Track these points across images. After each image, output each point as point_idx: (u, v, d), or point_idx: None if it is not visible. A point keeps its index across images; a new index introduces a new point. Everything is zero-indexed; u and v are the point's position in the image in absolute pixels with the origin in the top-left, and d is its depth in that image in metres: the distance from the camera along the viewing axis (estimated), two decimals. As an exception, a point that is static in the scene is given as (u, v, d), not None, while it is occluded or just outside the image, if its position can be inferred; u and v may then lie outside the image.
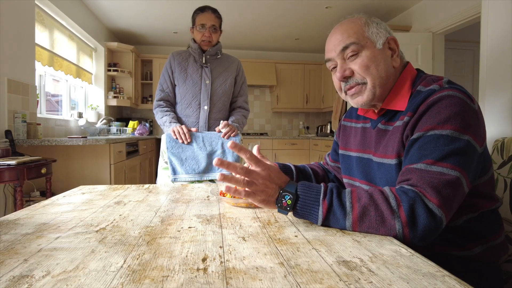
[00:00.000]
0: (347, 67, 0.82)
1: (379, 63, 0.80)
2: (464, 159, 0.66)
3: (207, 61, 1.83)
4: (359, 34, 0.80)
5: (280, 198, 0.68)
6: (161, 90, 1.86)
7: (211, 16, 1.78)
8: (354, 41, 0.80)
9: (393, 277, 0.45)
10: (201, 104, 1.82)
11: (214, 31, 1.80)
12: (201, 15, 1.78)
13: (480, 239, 0.76)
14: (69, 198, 0.95)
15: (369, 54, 0.79)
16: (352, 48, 0.80)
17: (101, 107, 4.45)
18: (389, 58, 0.82)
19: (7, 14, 2.28)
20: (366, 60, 0.79)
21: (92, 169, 2.72)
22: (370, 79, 0.80)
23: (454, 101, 0.69)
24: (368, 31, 0.81)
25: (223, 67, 1.87)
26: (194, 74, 1.82)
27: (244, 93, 1.96)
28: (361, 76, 0.80)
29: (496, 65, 2.38)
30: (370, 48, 0.80)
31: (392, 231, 0.62)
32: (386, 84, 0.81)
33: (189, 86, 1.81)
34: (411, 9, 3.77)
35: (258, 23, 4.36)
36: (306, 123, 6.06)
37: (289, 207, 0.67)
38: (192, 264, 0.49)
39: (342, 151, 1.00)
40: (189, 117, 1.84)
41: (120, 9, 3.92)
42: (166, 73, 1.85)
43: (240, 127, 1.85)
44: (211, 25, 1.77)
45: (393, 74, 0.82)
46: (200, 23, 1.77)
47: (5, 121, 2.27)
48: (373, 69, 0.79)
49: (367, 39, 0.80)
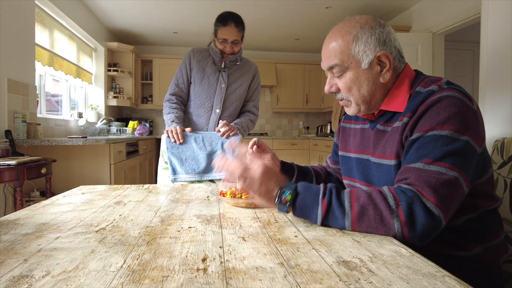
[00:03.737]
0: (334, 82, 0.85)
1: (362, 84, 0.81)
2: (463, 159, 0.66)
3: (226, 65, 1.83)
4: (344, 54, 0.80)
5: (280, 193, 0.69)
6: (176, 85, 1.84)
7: (233, 31, 1.72)
8: (337, 62, 0.80)
9: (393, 277, 0.45)
10: (213, 106, 1.84)
11: (235, 44, 1.77)
12: (223, 29, 1.72)
13: (480, 239, 0.76)
14: (69, 198, 0.95)
15: (352, 75, 0.80)
16: (337, 69, 0.82)
17: (101, 107, 4.45)
18: (376, 75, 0.80)
19: (7, 14, 2.28)
20: (348, 82, 0.81)
21: (92, 169, 2.72)
22: (353, 99, 0.83)
23: (453, 102, 0.69)
24: (355, 48, 0.79)
25: (240, 72, 1.88)
26: (211, 76, 1.81)
27: (256, 98, 1.95)
28: (346, 94, 0.84)
29: (496, 65, 2.38)
30: (354, 68, 0.80)
31: (391, 230, 0.62)
32: (370, 100, 0.83)
33: (205, 86, 1.82)
34: (411, 9, 3.77)
35: (258, 23, 4.36)
36: (306, 123, 6.06)
37: (288, 203, 0.68)
38: (192, 264, 0.49)
39: (342, 152, 1.00)
40: (201, 117, 1.85)
41: (120, 9, 3.92)
42: (184, 69, 1.83)
43: (243, 129, 1.85)
44: (233, 39, 1.74)
45: (382, 88, 0.82)
46: (222, 37, 1.73)
47: (5, 121, 2.27)
48: (355, 91, 0.81)
49: (352, 58, 0.79)
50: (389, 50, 0.79)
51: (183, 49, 5.57)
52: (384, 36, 0.79)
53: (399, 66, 0.83)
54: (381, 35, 0.79)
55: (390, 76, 0.81)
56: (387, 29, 0.81)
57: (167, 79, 5.15)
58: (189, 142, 1.68)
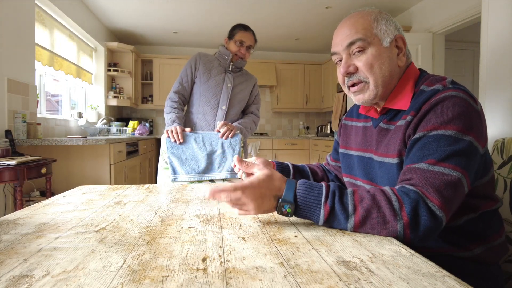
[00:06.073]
0: (352, 62, 0.81)
1: (383, 61, 0.79)
2: (466, 160, 0.66)
3: (232, 70, 1.97)
4: (367, 30, 0.79)
5: (279, 207, 0.66)
6: (180, 83, 1.94)
7: (251, 37, 1.95)
8: (361, 37, 0.79)
9: (393, 277, 0.45)
10: (219, 104, 1.92)
11: (248, 50, 1.96)
12: (243, 32, 1.93)
13: (481, 239, 0.76)
14: (69, 198, 0.95)
15: (374, 51, 0.79)
16: (359, 44, 0.79)
17: (101, 107, 4.45)
18: (395, 56, 0.81)
19: (7, 14, 2.28)
20: (371, 58, 0.79)
21: (92, 169, 2.72)
22: (373, 78, 0.80)
23: (457, 102, 0.69)
24: (377, 27, 0.79)
25: (243, 78, 2.03)
26: (217, 76, 1.93)
27: (257, 102, 2.11)
28: (364, 74, 0.80)
29: (496, 65, 2.37)
30: (377, 45, 0.79)
31: (393, 232, 0.62)
32: (389, 83, 0.81)
33: (211, 85, 1.91)
34: (411, 9, 3.77)
35: (259, 23, 4.36)
36: (306, 123, 6.06)
37: (290, 214, 0.66)
38: (192, 264, 0.49)
39: (343, 149, 1.00)
40: (207, 115, 1.92)
41: (120, 9, 3.92)
42: (190, 69, 1.93)
43: (245, 130, 1.92)
44: (249, 44, 1.94)
45: (398, 73, 0.82)
46: (240, 39, 1.91)
47: (5, 121, 2.27)
48: (377, 68, 0.79)
49: (375, 36, 0.79)
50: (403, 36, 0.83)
51: (183, 49, 5.58)
52: (398, 25, 0.83)
53: (408, 58, 0.85)
54: (396, 23, 0.83)
55: (404, 62, 0.82)
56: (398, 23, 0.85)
57: (167, 79, 5.15)
58: (189, 142, 1.69)
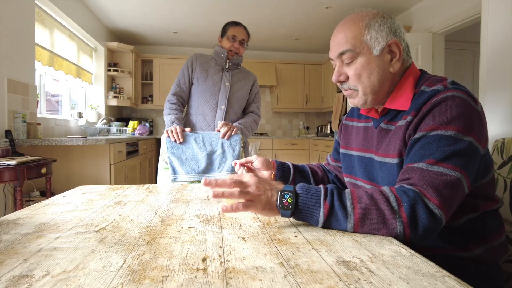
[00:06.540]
0: (343, 71, 0.83)
1: (372, 71, 0.80)
2: (465, 160, 0.66)
3: (229, 67, 1.95)
4: (356, 40, 0.79)
5: (280, 198, 0.66)
6: (178, 85, 1.94)
7: (243, 31, 1.94)
8: (350, 48, 0.80)
9: (393, 277, 0.45)
10: (218, 103, 1.91)
11: (242, 44, 1.94)
12: (234, 27, 1.93)
13: (481, 239, 0.76)
14: (69, 198, 0.95)
15: (363, 61, 0.79)
16: (348, 55, 0.80)
17: (101, 107, 4.45)
18: (386, 64, 0.80)
19: (7, 14, 2.28)
20: (359, 68, 0.80)
21: (92, 169, 2.72)
22: (361, 87, 0.81)
23: (458, 102, 0.69)
24: (367, 35, 0.79)
25: (242, 75, 2.01)
26: (215, 76, 1.92)
27: (258, 101, 2.09)
28: (354, 83, 0.82)
29: (496, 65, 2.37)
30: (366, 55, 0.79)
31: (393, 231, 0.62)
32: (379, 90, 0.81)
33: (209, 85, 1.91)
34: (411, 9, 3.77)
35: (258, 23, 4.36)
36: (306, 123, 6.06)
37: (291, 206, 0.65)
38: (192, 264, 0.49)
39: (343, 150, 1.00)
40: (206, 115, 1.92)
41: (120, 9, 3.92)
42: (186, 70, 1.94)
43: (246, 130, 1.91)
44: (241, 38, 1.92)
45: (390, 79, 0.82)
46: (232, 34, 1.91)
47: (5, 121, 2.27)
48: (365, 78, 0.80)
49: (364, 44, 0.79)
50: (399, 40, 0.81)
51: (183, 49, 5.57)
52: (395, 27, 0.81)
53: (406, 60, 0.84)
54: (393, 26, 0.81)
55: (399, 67, 0.81)
56: (397, 22, 0.83)
57: (167, 79, 5.15)
58: (189, 142, 1.69)
